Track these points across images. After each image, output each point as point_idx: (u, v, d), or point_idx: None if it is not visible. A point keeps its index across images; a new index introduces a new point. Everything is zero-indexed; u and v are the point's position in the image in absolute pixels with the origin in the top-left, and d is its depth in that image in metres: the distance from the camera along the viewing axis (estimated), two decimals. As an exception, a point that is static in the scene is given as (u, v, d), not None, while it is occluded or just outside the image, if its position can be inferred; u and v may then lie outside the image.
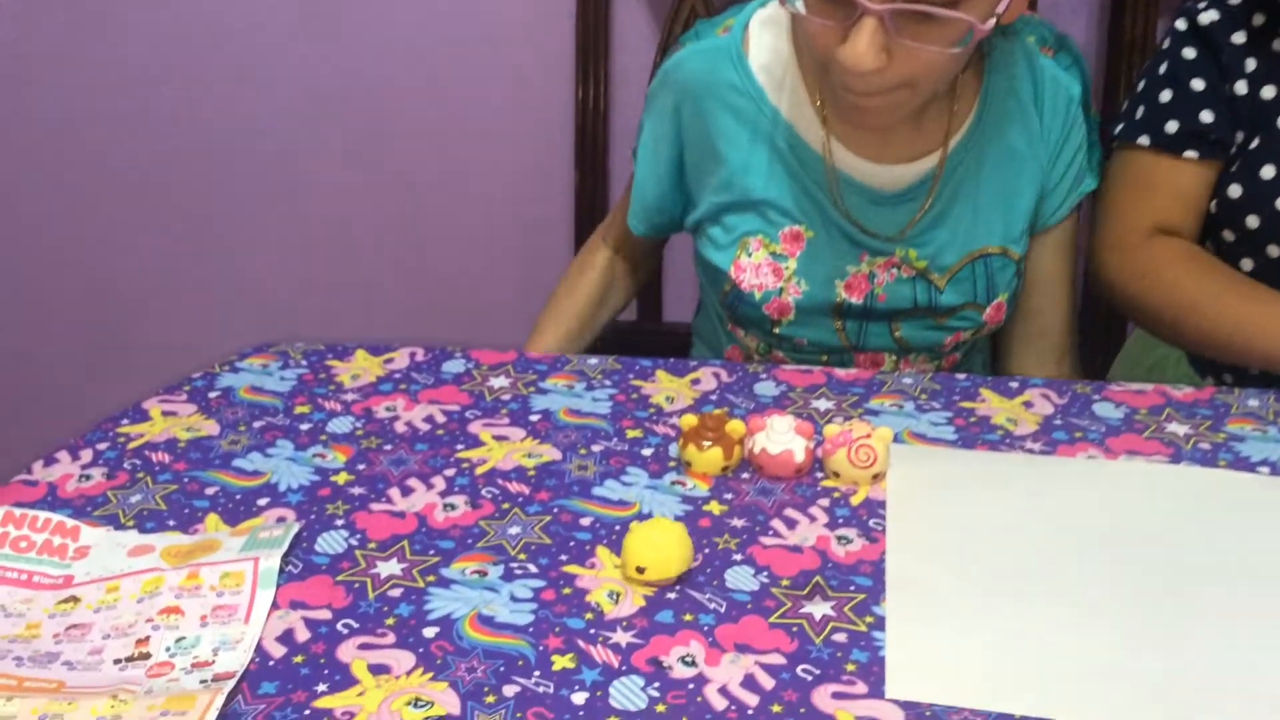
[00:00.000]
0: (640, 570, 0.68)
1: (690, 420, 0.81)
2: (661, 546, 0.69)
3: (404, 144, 1.54)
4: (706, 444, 0.80)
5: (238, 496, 0.78)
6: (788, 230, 1.00)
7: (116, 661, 0.63)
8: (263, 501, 0.78)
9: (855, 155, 0.99)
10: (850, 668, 0.63)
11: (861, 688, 0.62)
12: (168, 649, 0.64)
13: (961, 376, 0.95)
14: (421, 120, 1.53)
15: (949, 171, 0.99)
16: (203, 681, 0.61)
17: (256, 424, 0.87)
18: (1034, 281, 1.07)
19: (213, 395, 0.91)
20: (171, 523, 0.75)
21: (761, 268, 1.00)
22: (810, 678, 0.62)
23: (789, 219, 1.00)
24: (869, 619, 0.67)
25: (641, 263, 1.21)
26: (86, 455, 0.83)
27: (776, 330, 1.03)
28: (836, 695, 0.61)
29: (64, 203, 1.59)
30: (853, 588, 0.70)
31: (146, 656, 0.63)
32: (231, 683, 0.61)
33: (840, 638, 0.65)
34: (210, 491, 0.79)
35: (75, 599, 0.68)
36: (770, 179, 1.00)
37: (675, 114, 1.03)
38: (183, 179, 1.58)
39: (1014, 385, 0.94)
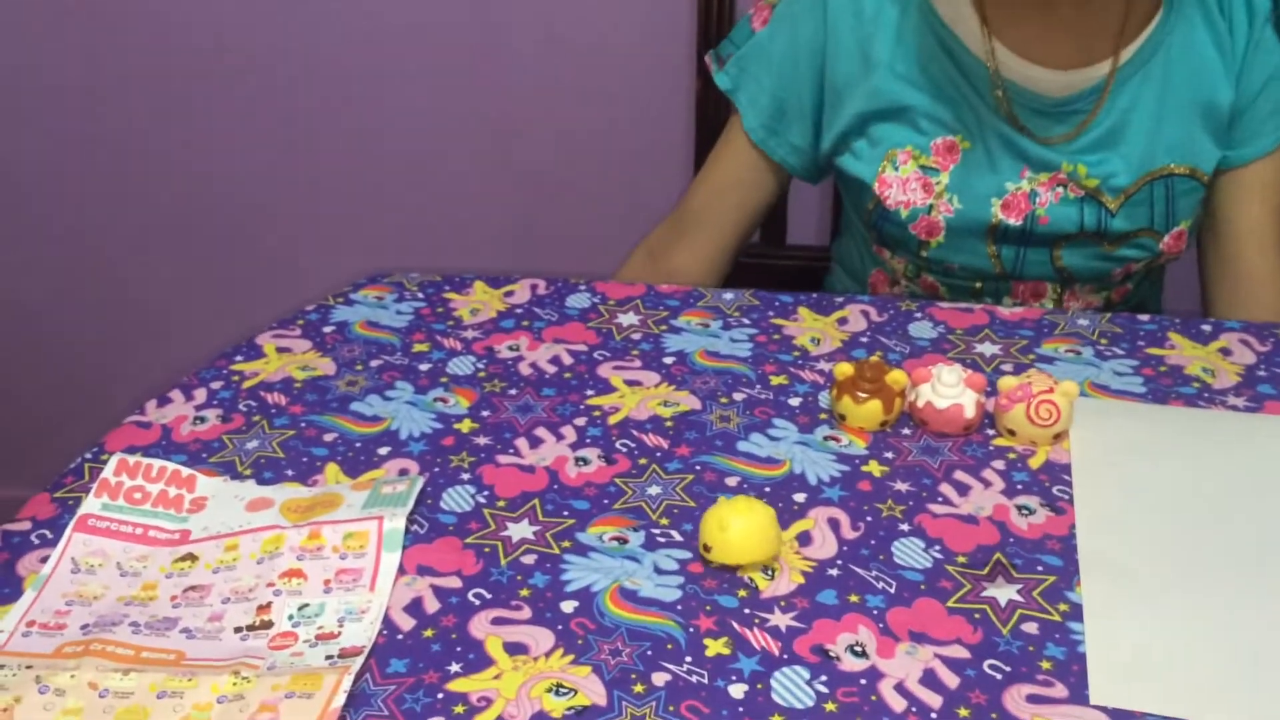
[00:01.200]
0: (707, 549, 0.61)
1: (846, 369, 0.73)
2: (733, 529, 0.60)
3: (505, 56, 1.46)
4: (864, 395, 0.72)
5: (357, 445, 0.73)
6: (941, 141, 0.90)
7: (237, 630, 0.59)
8: (383, 451, 0.72)
9: (1020, 58, 0.88)
10: (1045, 665, 0.55)
11: (1060, 690, 0.54)
12: (290, 617, 0.59)
13: (1145, 318, 0.85)
14: (526, 29, 1.44)
15: (1125, 77, 0.87)
16: (329, 658, 0.57)
17: (374, 363, 0.81)
18: (1239, 234, 0.93)
19: (327, 330, 0.86)
20: (290, 473, 0.71)
21: (909, 183, 0.90)
22: (999, 675, 0.55)
23: (943, 128, 0.90)
24: (1063, 606, 0.59)
25: (714, 260, 1.03)
26: (200, 395, 0.79)
27: (924, 253, 0.93)
28: (1032, 698, 0.54)
29: (165, 112, 1.55)
30: (1040, 568, 0.62)
31: (269, 625, 0.59)
32: (360, 660, 0.56)
33: (1030, 628, 0.58)
34: (329, 438, 0.74)
35: (193, 557, 0.64)
36: (924, 84, 0.89)
37: (821, 12, 0.93)
38: (283, 105, 1.52)
39: (1206, 329, 0.83)
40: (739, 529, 0.61)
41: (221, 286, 1.66)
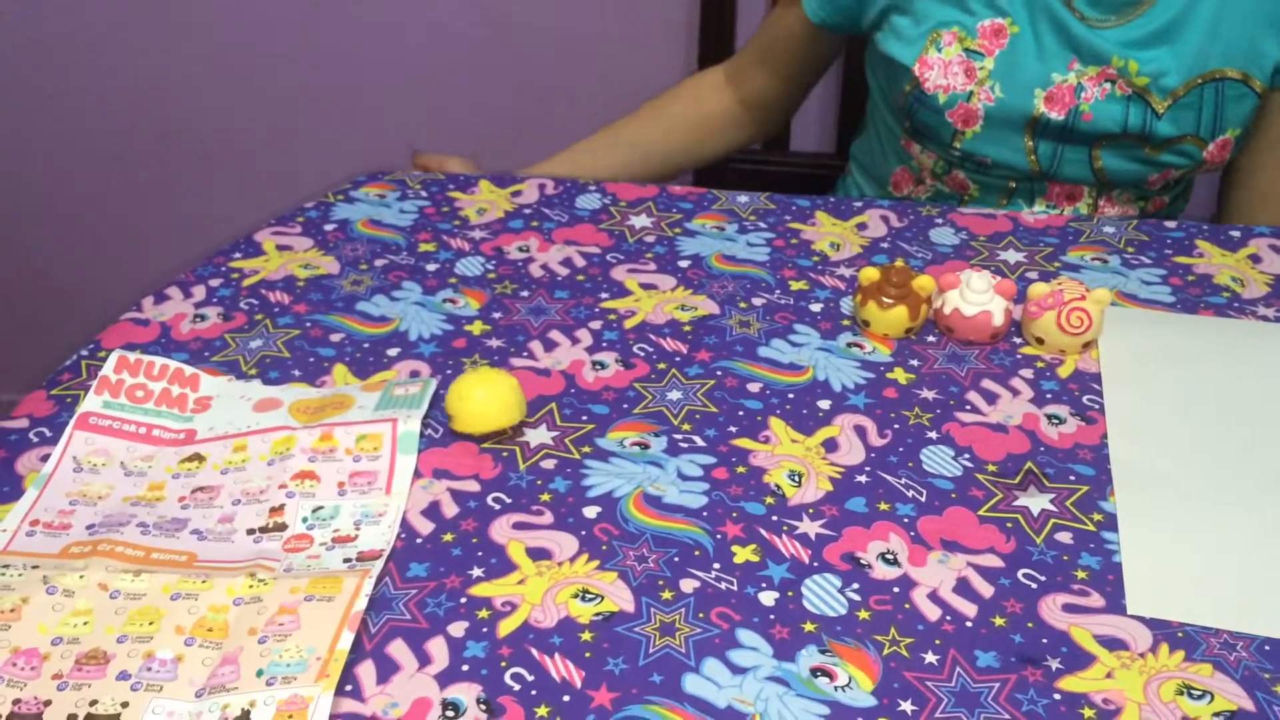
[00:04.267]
0: (451, 419, 0.62)
1: (871, 274, 0.71)
2: (473, 399, 0.61)
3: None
4: (889, 301, 0.70)
5: (365, 345, 0.71)
6: (989, 24, 0.86)
7: (250, 532, 0.57)
8: (393, 352, 0.70)
9: None
10: (1081, 575, 0.54)
11: (1097, 599, 0.53)
12: (304, 520, 0.58)
13: (1172, 224, 0.83)
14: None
15: None
16: (346, 560, 0.55)
17: (379, 262, 0.78)
18: (1273, 152, 0.90)
19: (329, 228, 0.83)
20: (297, 373, 0.68)
21: (952, 65, 0.87)
22: (1035, 585, 0.54)
23: (992, 10, 0.85)
24: (1097, 516, 0.58)
25: (767, 110, 1.06)
26: (199, 292, 0.76)
27: (957, 145, 0.90)
28: (1069, 608, 0.53)
29: (152, 8, 1.49)
30: (1073, 477, 0.60)
31: (283, 528, 0.57)
32: (380, 564, 0.54)
33: (1065, 538, 0.57)
34: (335, 338, 0.71)
35: (200, 457, 0.62)
36: None
37: None
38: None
39: (1235, 235, 0.81)
40: (479, 399, 0.61)
41: (210, 192, 1.62)
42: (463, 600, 0.53)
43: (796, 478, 0.60)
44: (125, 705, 0.47)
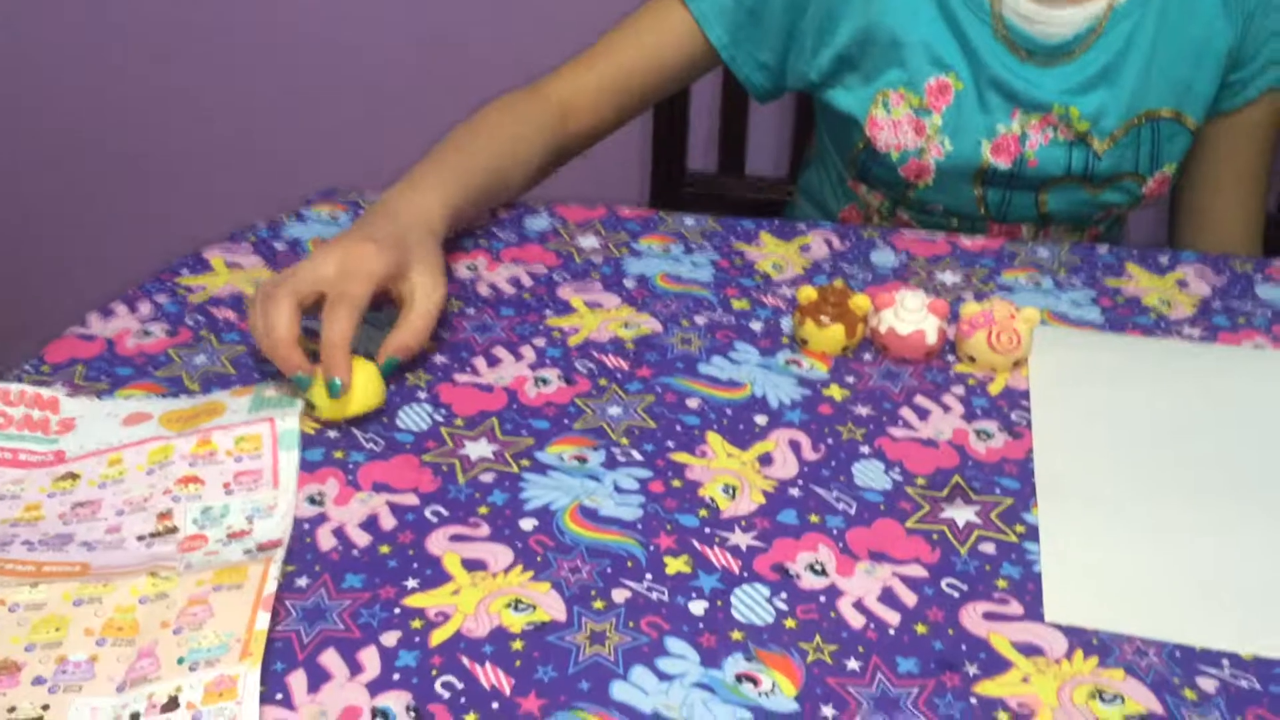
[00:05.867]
0: (312, 407, 0.65)
1: (809, 293, 0.72)
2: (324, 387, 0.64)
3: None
4: (826, 320, 0.71)
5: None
6: (934, 82, 0.88)
7: (140, 538, 0.57)
8: (337, 368, 0.71)
9: None
10: (1001, 584, 0.56)
11: (1016, 608, 0.55)
12: (195, 520, 0.58)
13: (1104, 249, 0.85)
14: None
15: (1120, 16, 0.86)
16: (246, 552, 0.56)
17: (327, 280, 0.79)
18: (1215, 177, 0.93)
19: (279, 247, 0.83)
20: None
21: (901, 125, 0.89)
22: (957, 594, 0.55)
23: (938, 67, 0.88)
24: (1019, 528, 0.59)
25: (595, 128, 0.92)
26: (145, 308, 0.76)
27: (910, 194, 0.92)
28: (989, 616, 0.54)
29: (102, 26, 1.49)
30: (998, 490, 0.62)
31: (174, 530, 0.58)
32: (281, 551, 0.55)
33: (988, 548, 0.58)
34: (280, 355, 0.72)
35: (74, 475, 0.62)
36: (919, 18, 0.87)
37: None
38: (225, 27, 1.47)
39: (1163, 260, 0.84)
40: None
41: (167, 210, 1.62)
42: (396, 610, 0.54)
43: (731, 491, 0.62)
44: (46, 708, 0.48)
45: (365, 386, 0.65)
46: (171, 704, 0.48)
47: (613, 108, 0.92)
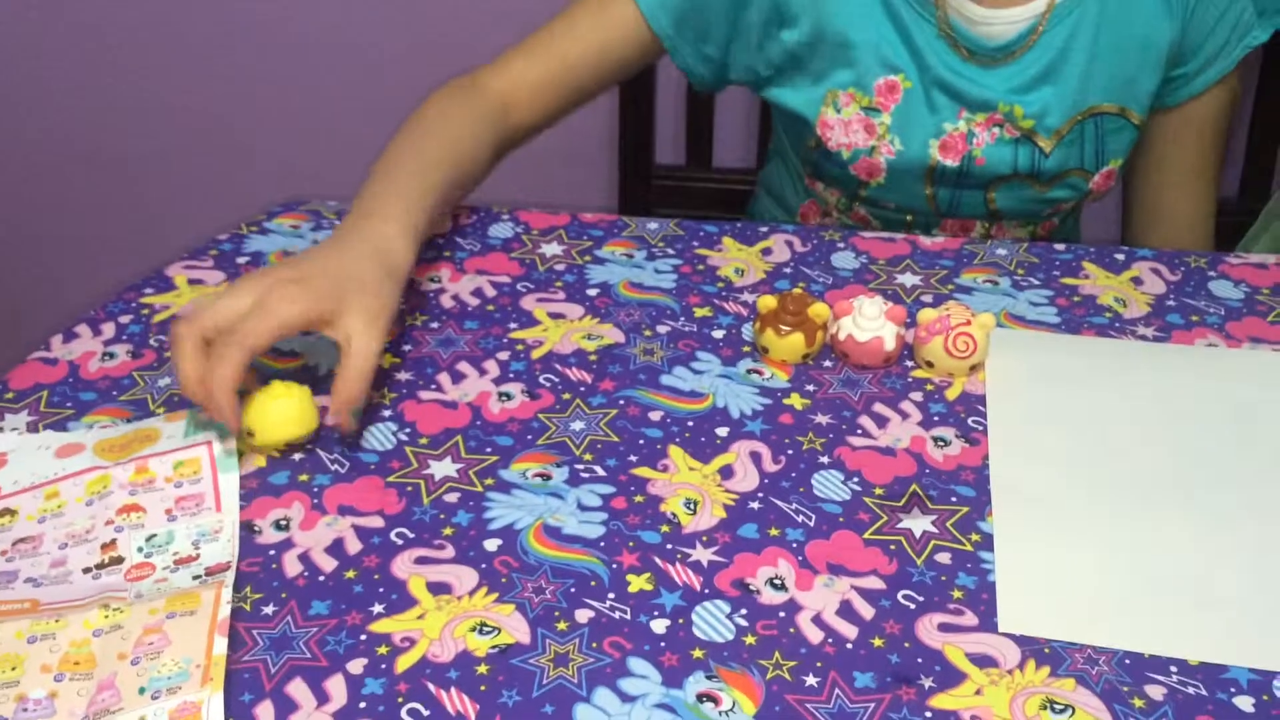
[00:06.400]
0: (250, 434, 0.64)
1: (769, 302, 0.73)
2: (273, 412, 0.64)
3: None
4: (786, 329, 0.72)
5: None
6: (883, 81, 0.89)
7: (86, 570, 0.58)
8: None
9: None
10: (957, 594, 0.57)
11: (970, 618, 0.56)
12: (140, 549, 0.59)
13: (1061, 247, 0.86)
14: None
15: (1061, 15, 0.87)
16: (196, 578, 0.56)
17: (290, 296, 0.79)
18: (1164, 172, 0.94)
19: (241, 261, 0.83)
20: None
21: (852, 124, 0.90)
22: (913, 605, 0.57)
23: (886, 68, 0.89)
24: (975, 536, 0.61)
25: (537, 119, 0.91)
26: (109, 329, 0.76)
27: (863, 192, 0.93)
28: (944, 627, 0.55)
29: (69, 35, 1.48)
30: (954, 499, 0.63)
31: (119, 561, 0.58)
32: (230, 574, 0.56)
33: (944, 558, 0.59)
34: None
35: (11, 511, 0.62)
36: (868, 19, 0.87)
37: None
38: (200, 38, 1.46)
39: (1119, 258, 0.85)
40: (279, 410, 0.64)
41: (124, 221, 1.61)
42: (363, 637, 0.55)
43: (692, 505, 0.62)
44: (11, 749, 0.48)
45: (293, 415, 0.64)
46: None
47: (555, 100, 0.91)
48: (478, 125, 0.86)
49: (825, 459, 0.66)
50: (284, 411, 0.64)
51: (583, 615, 0.56)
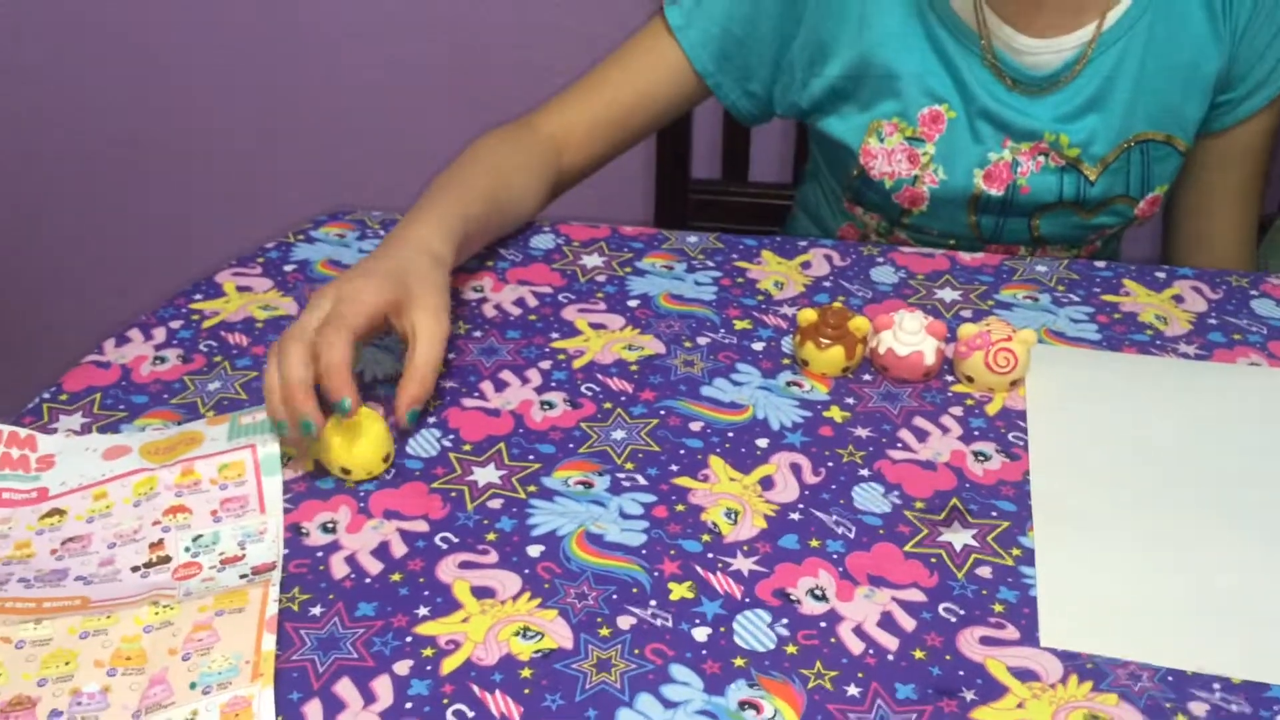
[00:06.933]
0: (346, 472, 0.64)
1: (809, 315, 0.74)
2: (362, 445, 0.64)
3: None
4: (826, 342, 0.73)
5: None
6: (927, 112, 0.89)
7: (135, 569, 0.59)
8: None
9: (1009, 26, 0.87)
10: (998, 608, 0.57)
11: (1012, 632, 0.56)
12: (187, 549, 0.60)
13: (1101, 265, 0.86)
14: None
15: (1109, 41, 0.87)
16: (243, 576, 0.58)
17: (336, 304, 0.81)
18: (1209, 197, 0.94)
19: (288, 269, 0.85)
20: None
21: (895, 154, 0.90)
22: (954, 619, 0.57)
23: (930, 98, 0.89)
24: (1015, 551, 0.61)
25: (589, 161, 0.93)
26: (160, 334, 0.78)
27: (905, 220, 0.94)
28: (985, 640, 0.56)
29: (107, 42, 1.51)
30: (995, 513, 0.63)
31: (167, 560, 0.59)
32: (277, 574, 0.57)
33: (984, 572, 0.59)
34: (291, 380, 0.73)
35: (60, 511, 0.63)
36: (912, 50, 0.88)
37: None
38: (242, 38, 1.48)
39: (1160, 276, 0.85)
40: (369, 443, 0.64)
41: (176, 224, 1.63)
42: (408, 639, 0.56)
43: (733, 515, 0.63)
44: (67, 740, 0.50)
45: (378, 436, 0.65)
46: None
47: (605, 142, 0.94)
48: (525, 158, 0.88)
49: (865, 472, 0.66)
50: (370, 439, 0.64)
51: (625, 622, 0.57)
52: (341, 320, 0.65)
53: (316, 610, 0.57)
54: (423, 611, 0.57)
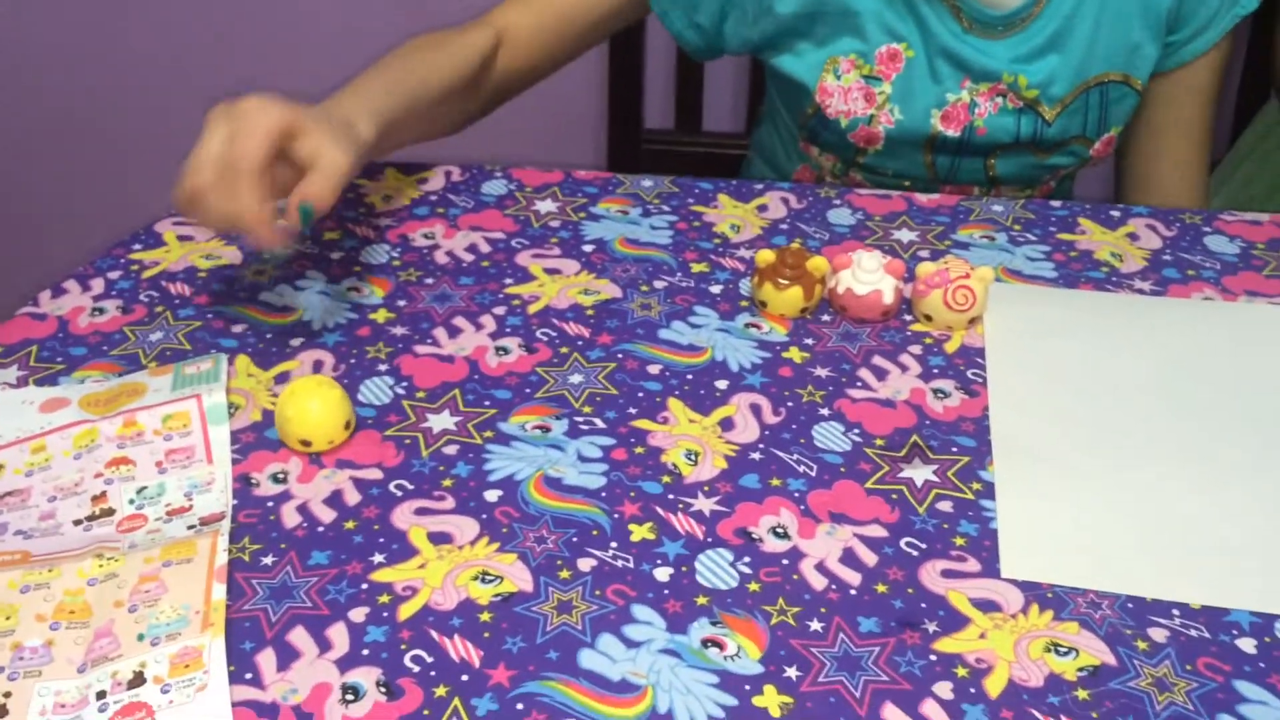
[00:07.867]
0: (306, 444, 0.61)
1: (767, 256, 0.73)
2: (322, 416, 0.61)
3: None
4: (784, 282, 0.72)
5: (268, 335, 0.71)
6: (885, 49, 0.88)
7: (77, 522, 0.57)
8: (296, 342, 0.70)
9: None
10: (959, 542, 0.57)
11: (974, 565, 0.56)
12: (131, 501, 0.58)
13: (1057, 204, 0.86)
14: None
15: None
16: (190, 527, 0.56)
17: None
18: (1159, 138, 0.94)
19: (231, 218, 0.82)
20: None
21: (851, 92, 0.89)
22: (916, 553, 0.57)
23: (890, 36, 0.88)
24: (976, 485, 0.61)
25: (531, 65, 0.93)
26: (98, 285, 0.75)
27: (860, 160, 0.93)
28: (947, 573, 0.55)
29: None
30: (955, 449, 0.63)
31: (110, 513, 0.58)
32: (226, 523, 0.56)
33: (945, 507, 0.59)
34: (238, 329, 0.71)
35: None
36: None
37: None
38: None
39: (1115, 214, 0.85)
40: (328, 412, 0.61)
41: (113, 178, 1.59)
42: (364, 586, 0.54)
43: (693, 456, 0.62)
44: (8, 695, 0.48)
45: (333, 414, 0.62)
46: (137, 679, 0.48)
47: (548, 48, 0.93)
48: (457, 44, 0.87)
49: (825, 411, 0.66)
50: (329, 405, 0.61)
51: (585, 564, 0.56)
52: (239, 163, 0.62)
53: (268, 560, 0.56)
54: (378, 558, 0.56)
